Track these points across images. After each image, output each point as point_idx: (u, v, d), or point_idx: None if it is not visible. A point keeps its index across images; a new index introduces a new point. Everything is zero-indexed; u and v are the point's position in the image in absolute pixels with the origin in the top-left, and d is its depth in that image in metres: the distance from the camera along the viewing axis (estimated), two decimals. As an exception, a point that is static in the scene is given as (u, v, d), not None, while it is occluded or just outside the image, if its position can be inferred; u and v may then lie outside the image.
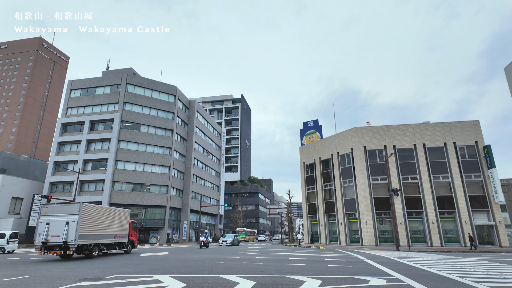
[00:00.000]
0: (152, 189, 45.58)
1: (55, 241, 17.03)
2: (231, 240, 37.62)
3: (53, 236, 17.12)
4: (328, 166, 40.37)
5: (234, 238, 38.56)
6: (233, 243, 37.76)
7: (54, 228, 17.31)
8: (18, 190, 44.29)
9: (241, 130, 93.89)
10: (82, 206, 17.80)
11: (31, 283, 8.56)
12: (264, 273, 10.38)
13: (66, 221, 17.32)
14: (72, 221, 17.35)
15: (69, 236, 17.04)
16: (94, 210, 19.27)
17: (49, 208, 18.23)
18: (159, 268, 12.02)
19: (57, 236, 17.04)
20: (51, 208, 18.16)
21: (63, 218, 17.51)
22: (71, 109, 48.17)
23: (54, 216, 17.76)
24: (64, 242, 16.77)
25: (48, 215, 17.91)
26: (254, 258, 16.59)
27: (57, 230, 17.21)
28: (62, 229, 17.12)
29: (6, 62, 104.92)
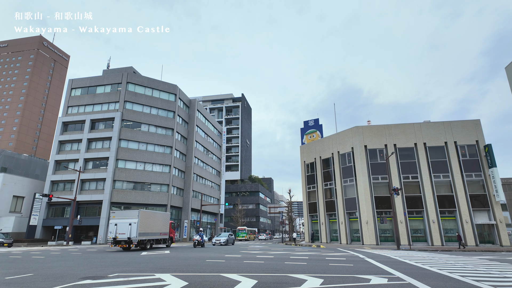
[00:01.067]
0: (152, 188, 45.62)
1: (122, 237, 23.40)
2: (225, 239, 35.15)
3: (120, 234, 23.57)
4: (329, 165, 40.36)
5: (228, 237, 36.00)
6: (227, 243, 35.34)
7: (121, 228, 23.74)
8: (19, 188, 44.35)
9: (241, 129, 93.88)
10: (140, 212, 24.29)
11: (33, 281, 8.59)
12: (265, 272, 10.40)
13: (129, 223, 23.76)
14: (134, 222, 23.75)
15: (131, 233, 23.47)
16: (147, 214, 25.85)
17: (116, 213, 24.94)
18: (160, 266, 12.04)
19: (123, 233, 23.51)
20: (118, 213, 24.91)
21: (127, 221, 23.89)
22: (71, 108, 48.19)
23: (120, 219, 24.17)
24: (128, 238, 23.18)
25: (116, 218, 24.39)
26: (255, 257, 16.62)
27: (123, 229, 23.68)
28: (127, 229, 23.56)
29: (6, 61, 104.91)
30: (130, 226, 23.63)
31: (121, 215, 24.61)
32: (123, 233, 23.45)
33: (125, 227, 23.62)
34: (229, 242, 35.71)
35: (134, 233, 23.37)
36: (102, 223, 40.78)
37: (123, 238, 23.29)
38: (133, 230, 23.50)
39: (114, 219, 24.52)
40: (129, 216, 24.29)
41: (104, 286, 7.79)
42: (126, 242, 23.13)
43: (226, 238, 35.06)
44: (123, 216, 24.43)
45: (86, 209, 42.91)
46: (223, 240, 34.64)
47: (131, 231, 23.43)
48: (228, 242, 35.30)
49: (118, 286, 7.70)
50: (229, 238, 35.99)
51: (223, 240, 34.64)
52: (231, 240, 36.64)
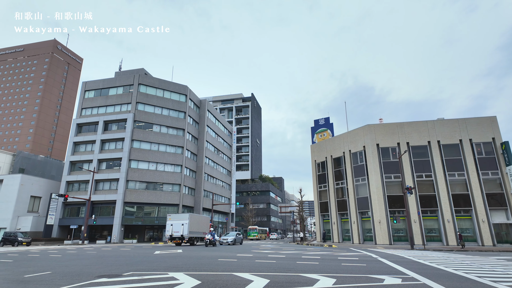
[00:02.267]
0: (165, 188, 46.20)
1: (176, 235, 29.87)
2: (232, 238, 34.26)
3: (175, 232, 30.09)
4: (340, 164, 40.02)
5: (236, 237, 35.12)
6: (235, 242, 34.49)
7: (176, 227, 30.32)
8: (36, 189, 45.60)
9: (251, 128, 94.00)
10: (190, 215, 31.02)
11: (51, 279, 8.83)
12: (277, 271, 10.41)
13: (182, 223, 30.26)
14: (186, 223, 30.21)
15: (184, 232, 29.92)
16: (194, 216, 32.57)
17: (171, 216, 31.86)
18: (173, 265, 12.20)
19: (177, 232, 29.98)
20: (173, 216, 31.79)
21: (180, 222, 30.51)
22: (85, 110, 49.24)
23: (175, 220, 30.94)
24: (181, 236, 29.69)
25: (171, 220, 31.16)
26: (266, 256, 16.64)
27: (177, 228, 30.19)
28: (180, 228, 29.99)
29: (23, 65, 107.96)
30: (183, 226, 30.22)
31: (175, 218, 31.38)
32: (177, 232, 29.99)
33: (179, 227, 30.25)
34: (236, 241, 34.88)
35: (186, 231, 29.98)
36: (116, 222, 41.56)
37: (177, 235, 29.80)
38: (185, 229, 30.09)
39: (170, 220, 31.15)
40: (181, 218, 30.92)
41: (119, 284, 7.95)
42: (179, 239, 29.79)
43: (233, 238, 34.27)
44: (177, 218, 31.12)
45: (100, 208, 43.79)
46: (230, 239, 33.91)
47: (184, 230, 30.00)
48: (235, 242, 34.52)
49: (132, 285, 7.84)
50: (237, 237, 35.16)
51: (230, 239, 33.91)
52: (239, 239, 35.82)
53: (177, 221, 30.67)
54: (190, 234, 30.16)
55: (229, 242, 33.44)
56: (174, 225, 30.53)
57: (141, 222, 43.78)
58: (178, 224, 30.40)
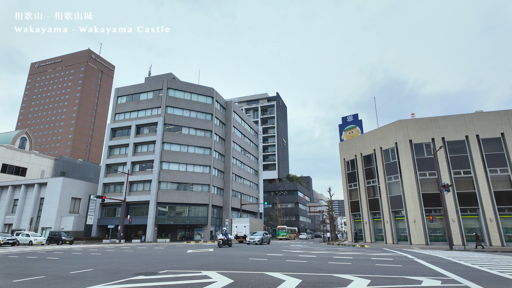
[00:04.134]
0: (194, 188, 47.33)
1: (240, 234, 38.35)
2: (259, 238, 33.43)
3: (239, 232, 38.99)
4: (371, 162, 38.85)
5: (263, 236, 34.24)
6: (262, 242, 33.64)
7: (239, 228, 39.74)
8: (76, 191, 48.51)
9: (277, 128, 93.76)
10: (249, 219, 41.12)
11: (94, 276, 9.38)
12: (309, 271, 10.32)
13: (244, 225, 39.53)
14: (247, 225, 39.55)
15: (246, 232, 38.17)
16: (253, 220, 42.05)
17: (236, 219, 42.41)
18: (206, 264, 12.48)
19: (241, 232, 38.86)
20: (237, 220, 42.08)
21: (242, 224, 40.03)
22: (118, 115, 51.62)
23: (238, 223, 40.65)
24: (244, 235, 37.40)
25: (236, 223, 41.17)
26: (297, 256, 16.55)
27: (241, 229, 39.54)
28: (243, 229, 39.13)
29: (61, 75, 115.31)
30: (245, 227, 39.08)
31: (238, 221, 41.26)
32: (241, 232, 38.77)
33: (242, 228, 39.35)
34: (264, 241, 34.26)
35: (247, 231, 38.08)
36: (149, 222, 43.20)
37: (241, 235, 38.02)
38: (247, 230, 38.61)
39: (235, 223, 41.13)
40: (243, 222, 40.48)
41: (155, 282, 8.28)
42: (243, 237, 37.36)
43: (260, 237, 33.61)
44: (240, 222, 40.83)
45: (135, 209, 45.72)
46: (257, 239, 33.24)
47: (246, 230, 38.34)
48: (263, 241, 33.90)
49: (168, 282, 8.13)
50: (264, 237, 34.55)
51: (257, 239, 33.24)
52: (266, 239, 35.35)
53: (240, 224, 40.19)
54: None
55: (256, 241, 32.96)
56: (238, 227, 39.76)
57: (173, 221, 45.19)
58: (241, 226, 39.72)
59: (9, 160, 56.69)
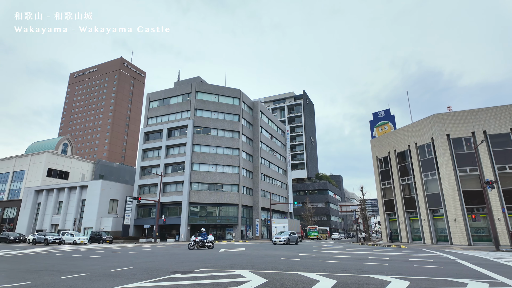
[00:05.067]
0: (224, 188, 48.07)
1: None
2: (285, 237, 31.69)
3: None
4: (405, 159, 37.24)
5: (290, 236, 32.66)
6: (289, 242, 32.05)
7: (279, 228, 42.41)
8: (114, 193, 51.09)
9: (305, 126, 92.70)
10: (288, 219, 44.35)
11: (133, 273, 9.82)
12: (343, 272, 10.10)
13: (283, 226, 42.61)
14: (286, 225, 42.45)
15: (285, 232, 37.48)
16: (291, 220, 45.07)
17: (275, 220, 46.88)
18: (238, 263, 12.62)
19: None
20: (276, 220, 46.49)
21: (282, 224, 43.38)
22: (150, 119, 53.71)
23: (278, 224, 44.33)
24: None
25: (275, 223, 44.81)
26: (330, 257, 16.25)
27: (280, 229, 41.72)
28: (282, 229, 41.20)
29: (97, 83, 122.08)
30: (284, 227, 41.78)
31: (278, 222, 45.00)
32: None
33: (281, 228, 41.90)
34: (291, 241, 32.65)
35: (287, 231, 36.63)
36: (182, 222, 44.50)
37: None
38: (286, 230, 39.88)
39: (274, 224, 44.77)
40: (282, 222, 43.65)
41: (191, 280, 8.50)
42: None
43: (286, 237, 31.96)
44: (279, 222, 44.26)
45: (169, 209, 47.31)
46: (283, 238, 31.61)
47: (285, 230, 39.03)
48: (289, 241, 32.33)
49: (203, 281, 8.31)
50: (291, 236, 32.96)
51: (283, 238, 31.61)
52: (294, 238, 33.56)
53: (279, 224, 42.95)
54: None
55: (282, 241, 31.39)
56: (278, 227, 42.27)
57: (204, 221, 46.21)
58: (280, 226, 42.16)
59: (54, 165, 60.96)
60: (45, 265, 12.59)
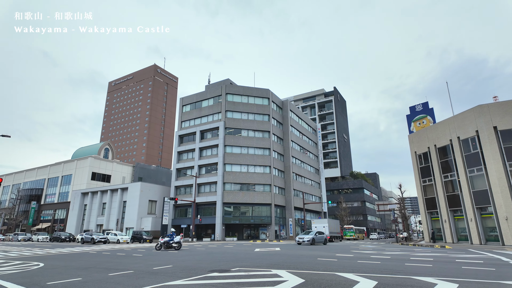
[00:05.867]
0: (256, 188, 48.37)
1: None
2: (309, 237, 29.20)
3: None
4: (447, 154, 35.05)
5: (315, 236, 30.02)
6: (314, 242, 29.48)
7: (319, 228, 39.15)
8: (152, 194, 53.41)
9: (336, 123, 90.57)
10: (327, 220, 43.68)
11: (174, 272, 10.20)
12: (383, 273, 9.73)
13: (323, 226, 41.50)
14: (326, 226, 41.58)
15: (325, 232, 38.65)
16: (330, 221, 44.49)
17: (315, 220, 46.23)
18: (274, 263, 12.63)
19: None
20: (316, 220, 45.24)
21: (322, 224, 42.17)
22: (184, 122, 55.50)
23: (318, 224, 42.95)
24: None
25: (315, 223, 43.37)
26: (369, 257, 15.74)
27: (320, 229, 37.63)
28: (322, 229, 39.36)
29: (133, 90, 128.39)
30: (324, 228, 40.81)
31: (317, 222, 43.95)
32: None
33: (321, 228, 40.16)
34: (316, 241, 30.05)
35: (327, 231, 39.73)
36: (217, 222, 45.44)
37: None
38: (326, 230, 40.35)
39: (314, 224, 43.48)
40: (322, 223, 42.78)
41: (229, 279, 8.65)
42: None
43: (311, 237, 29.43)
44: (319, 222, 43.22)
45: (204, 209, 48.55)
46: (307, 238, 29.26)
47: (325, 231, 39.79)
48: (314, 241, 29.70)
49: (241, 280, 8.43)
50: (317, 236, 30.36)
51: (307, 238, 29.26)
52: (321, 239, 30.99)
53: (319, 224, 42.08)
54: (330, 234, 40.43)
55: (305, 241, 29.07)
56: (318, 227, 40.80)
57: (238, 221, 46.84)
58: (320, 226, 41.11)
59: (97, 169, 65.06)
60: (93, 263, 13.48)
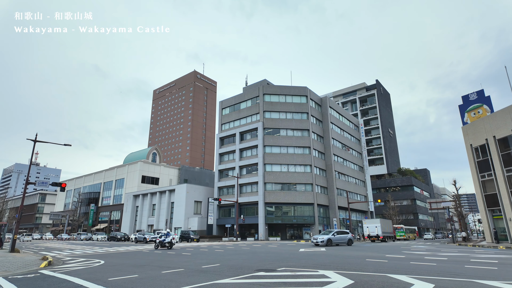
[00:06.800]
0: (298, 188, 47.91)
1: (372, 234, 39.67)
2: (324, 238, 26.34)
3: (371, 232, 39.99)
4: (509, 145, 31.67)
5: (332, 236, 27.20)
6: (331, 243, 26.59)
7: (371, 229, 40.21)
8: (197, 195, 55.47)
9: (380, 118, 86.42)
10: (380, 220, 41.45)
11: (222, 270, 10.49)
12: (441, 275, 9.06)
13: (375, 226, 40.06)
14: (378, 226, 39.82)
15: (378, 232, 39.33)
16: (383, 221, 42.39)
17: (366, 220, 43.78)
18: (321, 263, 12.40)
19: (373, 232, 39.76)
20: (367, 221, 42.97)
21: (374, 225, 40.39)
22: (224, 125, 56.86)
23: (369, 224, 41.07)
24: (377, 235, 39.15)
25: (366, 223, 41.83)
26: (422, 258, 14.77)
27: (372, 230, 40.01)
28: (374, 229, 39.72)
29: (176, 96, 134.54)
30: (376, 228, 39.77)
31: (369, 222, 42.16)
32: (373, 232, 39.79)
33: (373, 228, 39.97)
34: (334, 241, 27.12)
35: (379, 232, 39.32)
36: (260, 222, 45.84)
37: (373, 234, 39.53)
38: (379, 230, 39.40)
39: (365, 224, 42.01)
40: (374, 223, 41.06)
41: (276, 278, 8.67)
42: (375, 237, 39.29)
43: (327, 237, 26.51)
44: (370, 222, 41.65)
45: (246, 209, 49.26)
46: (321, 239, 26.39)
47: (378, 230, 39.40)
48: (332, 242, 26.82)
49: (287, 280, 8.40)
50: (335, 237, 27.44)
51: (321, 239, 26.39)
52: (342, 239, 27.86)
53: (371, 224, 40.81)
54: (383, 234, 39.49)
55: (319, 242, 26.24)
56: (369, 227, 40.50)
57: (280, 221, 46.78)
58: (372, 227, 40.33)
59: (146, 172, 69.23)
60: (147, 261, 14.36)
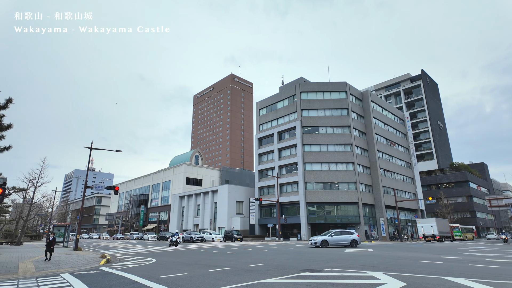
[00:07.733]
0: (340, 187, 46.57)
1: (428, 234, 39.07)
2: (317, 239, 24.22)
3: (426, 232, 39.51)
4: None
5: (330, 237, 24.57)
6: (325, 244, 24.11)
7: (426, 228, 39.94)
8: (238, 195, 56.43)
9: (428, 110, 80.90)
10: (435, 219, 40.85)
11: (267, 270, 10.58)
12: (506, 279, 8.26)
13: (430, 225, 39.51)
14: (434, 225, 39.25)
15: (434, 232, 38.75)
16: (438, 220, 41.53)
17: (420, 220, 43.73)
18: (369, 264, 11.96)
19: (428, 232, 39.30)
20: (421, 220, 43.09)
21: (429, 224, 40.02)
22: (261, 125, 57.16)
23: (424, 223, 41.06)
24: (433, 235, 38.64)
25: (420, 223, 41.60)
26: (483, 260, 13.57)
27: (427, 229, 39.61)
28: (430, 229, 39.22)
29: (214, 100, 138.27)
30: (432, 227, 39.12)
31: (423, 221, 41.75)
32: (428, 231, 39.24)
33: (428, 228, 39.47)
34: (331, 243, 24.44)
35: (436, 231, 38.70)
36: (302, 221, 45.34)
37: (429, 234, 38.96)
38: (435, 230, 38.84)
39: (420, 224, 41.77)
40: (429, 222, 40.46)
41: (322, 279, 8.54)
42: (431, 237, 38.52)
43: (321, 238, 24.36)
44: (425, 222, 41.23)
45: (288, 209, 49.02)
46: (314, 240, 24.42)
47: (433, 230, 38.88)
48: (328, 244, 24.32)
49: (334, 281, 8.23)
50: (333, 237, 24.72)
51: (314, 240, 24.42)
52: (343, 240, 24.95)
53: (426, 224, 40.38)
54: (439, 234, 38.46)
55: (312, 243, 24.31)
56: (424, 227, 39.99)
57: (323, 220, 45.77)
58: (427, 226, 39.77)
59: (190, 174, 72.08)
60: (194, 260, 14.96)
